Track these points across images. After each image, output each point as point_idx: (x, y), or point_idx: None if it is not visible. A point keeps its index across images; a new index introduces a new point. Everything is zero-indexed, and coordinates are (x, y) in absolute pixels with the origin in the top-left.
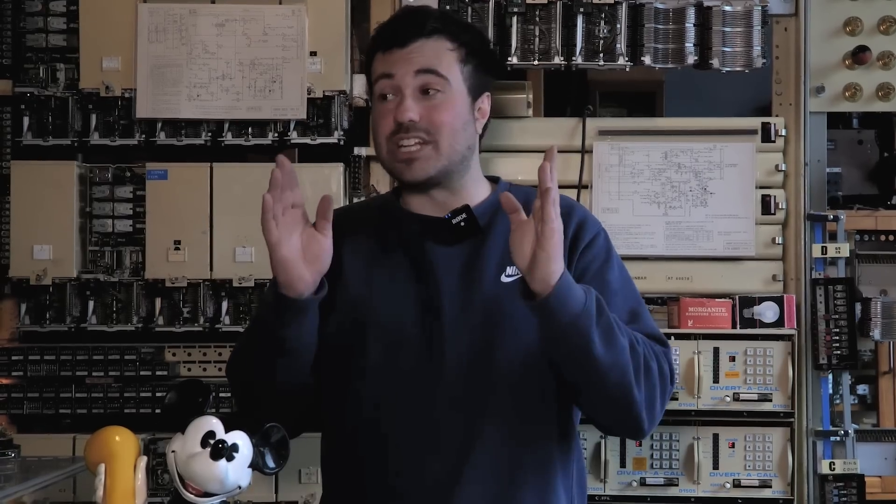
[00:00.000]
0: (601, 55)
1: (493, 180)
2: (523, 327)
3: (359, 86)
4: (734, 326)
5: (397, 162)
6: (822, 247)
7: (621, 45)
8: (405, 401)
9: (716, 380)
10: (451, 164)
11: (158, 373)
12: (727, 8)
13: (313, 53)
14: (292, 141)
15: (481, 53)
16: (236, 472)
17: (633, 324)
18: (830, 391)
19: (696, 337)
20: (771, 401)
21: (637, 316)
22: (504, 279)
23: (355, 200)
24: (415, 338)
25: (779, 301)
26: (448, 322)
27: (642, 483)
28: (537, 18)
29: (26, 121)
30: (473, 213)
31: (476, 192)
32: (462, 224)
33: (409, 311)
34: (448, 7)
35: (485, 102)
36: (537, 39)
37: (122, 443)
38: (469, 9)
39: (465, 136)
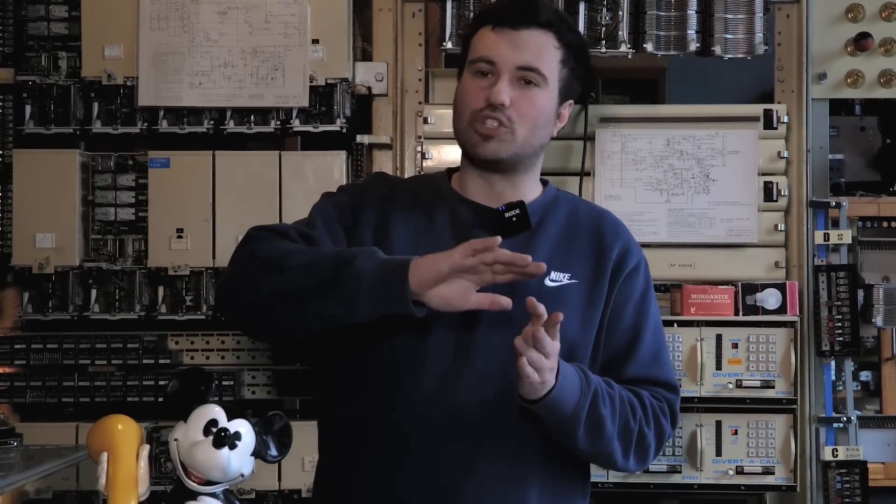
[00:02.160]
0: (603, 42)
1: (542, 182)
2: (561, 333)
3: (361, 73)
4: (737, 313)
5: (476, 134)
6: (825, 233)
7: (623, 33)
8: (428, 386)
9: (718, 367)
10: (522, 154)
11: (161, 361)
12: None
13: (315, 41)
14: (294, 129)
15: (579, 60)
16: (239, 460)
17: (653, 366)
18: (833, 378)
19: (698, 324)
20: (773, 388)
21: (657, 360)
22: (548, 283)
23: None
24: (447, 325)
25: (781, 288)
26: (484, 315)
27: (645, 470)
28: None
29: (28, 109)
30: (527, 210)
31: (531, 189)
32: (514, 219)
33: None
34: None
35: (566, 109)
36: None
37: (125, 431)
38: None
39: (542, 134)
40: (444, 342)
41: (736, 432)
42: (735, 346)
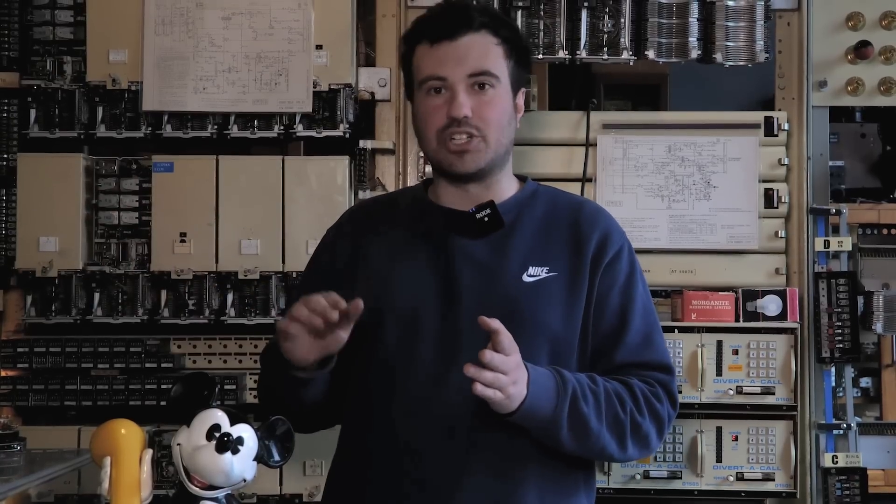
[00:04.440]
0: (605, 49)
1: (521, 178)
2: (541, 327)
3: (364, 79)
4: (737, 320)
5: (450, 153)
6: (825, 240)
7: (625, 39)
8: (418, 389)
9: (719, 373)
10: (496, 157)
11: (164, 365)
12: (730, 3)
13: (319, 46)
14: (298, 134)
15: (519, 49)
16: (241, 464)
17: (644, 350)
18: (833, 384)
19: (699, 330)
20: (774, 394)
21: (649, 342)
22: (526, 279)
23: (360, 193)
24: (431, 328)
25: (782, 294)
26: (465, 315)
27: (646, 476)
28: (542, 12)
29: (33, 113)
30: (497, 209)
31: (506, 187)
32: (486, 219)
33: (428, 302)
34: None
35: (521, 98)
36: (542, 33)
37: (128, 435)
38: (474, 2)
39: (509, 131)
40: (432, 346)
41: (736, 438)
42: (735, 352)
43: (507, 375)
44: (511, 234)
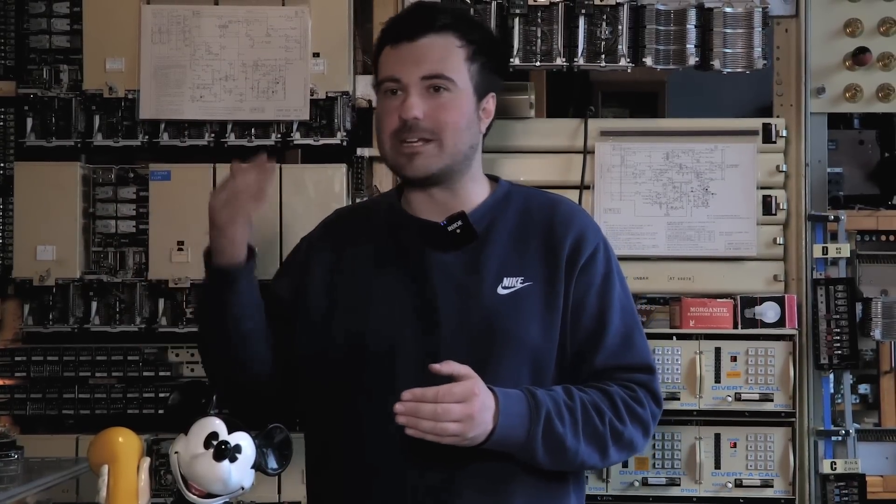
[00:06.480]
0: (603, 56)
1: (493, 179)
2: (521, 341)
3: (362, 87)
4: (736, 326)
5: (400, 156)
6: (823, 247)
7: (623, 47)
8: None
9: (717, 380)
10: (453, 162)
11: (161, 373)
12: (728, 9)
13: (316, 55)
14: (295, 142)
15: (489, 53)
16: (239, 472)
17: (624, 352)
18: (832, 391)
19: (697, 337)
20: (772, 401)
21: (629, 342)
22: (501, 291)
23: (357, 201)
24: (411, 352)
25: (780, 301)
26: (444, 335)
27: (644, 483)
28: (539, 20)
29: (30, 122)
30: (469, 221)
31: (476, 192)
32: (458, 231)
33: (406, 323)
34: None
35: (489, 103)
36: (539, 41)
37: (126, 444)
38: (471, 10)
39: (468, 136)
40: (412, 371)
41: (735, 445)
42: (734, 359)
43: (458, 423)
44: (484, 244)
